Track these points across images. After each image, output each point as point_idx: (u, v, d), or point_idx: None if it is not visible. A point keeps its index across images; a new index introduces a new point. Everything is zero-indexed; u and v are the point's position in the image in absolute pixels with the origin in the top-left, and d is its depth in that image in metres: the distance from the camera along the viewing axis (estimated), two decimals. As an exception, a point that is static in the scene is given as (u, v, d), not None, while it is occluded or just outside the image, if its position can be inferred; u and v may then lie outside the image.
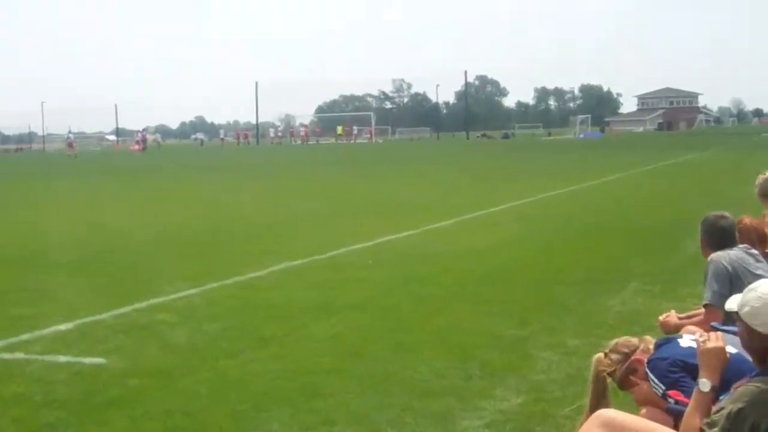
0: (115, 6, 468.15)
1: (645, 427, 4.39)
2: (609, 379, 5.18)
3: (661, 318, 6.81)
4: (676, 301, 9.97)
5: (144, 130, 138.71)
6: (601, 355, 5.22)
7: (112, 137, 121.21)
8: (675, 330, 6.34)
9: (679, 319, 6.69)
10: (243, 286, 12.19)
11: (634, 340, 5.18)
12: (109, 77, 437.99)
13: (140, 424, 6.57)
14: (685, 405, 4.18)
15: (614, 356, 5.13)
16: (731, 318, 4.34)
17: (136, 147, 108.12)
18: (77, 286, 12.46)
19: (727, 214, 6.83)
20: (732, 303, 4.24)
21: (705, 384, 4.06)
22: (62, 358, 8.47)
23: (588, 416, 5.09)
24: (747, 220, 7.22)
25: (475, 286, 11.75)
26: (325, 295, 11.32)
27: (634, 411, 5.03)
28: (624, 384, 5.13)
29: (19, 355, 8.67)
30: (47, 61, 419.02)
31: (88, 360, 8.40)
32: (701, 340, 4.28)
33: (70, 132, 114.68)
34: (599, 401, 5.14)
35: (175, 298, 11.34)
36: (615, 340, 5.26)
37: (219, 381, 7.63)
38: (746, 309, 3.97)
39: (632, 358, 5.07)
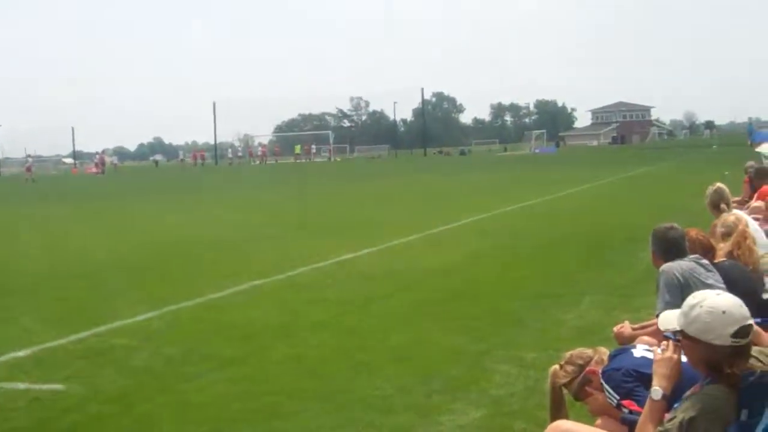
0: (71, 26, 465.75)
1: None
2: (565, 391, 5.23)
3: (615, 329, 6.87)
4: (631, 313, 10.07)
5: (102, 152, 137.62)
6: (556, 367, 5.27)
7: (69, 160, 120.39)
8: (629, 340, 6.40)
9: (633, 329, 6.75)
10: (203, 308, 12.16)
11: (589, 352, 5.24)
12: (64, 99, 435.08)
13: (100, 450, 6.54)
14: (639, 414, 4.23)
15: (569, 368, 5.19)
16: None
17: (94, 170, 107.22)
18: (35, 312, 12.35)
19: (676, 225, 6.93)
20: (669, 323, 4.28)
21: (657, 392, 4.10)
22: (20, 385, 8.42)
23: (549, 412, 5.17)
24: (693, 232, 7.30)
25: (434, 303, 11.80)
26: (286, 316, 11.34)
27: (591, 422, 5.09)
28: (579, 395, 5.19)
29: (-24, 383, 8.59)
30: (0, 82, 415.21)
31: (46, 386, 8.35)
32: (659, 350, 4.31)
33: (28, 155, 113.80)
34: (557, 412, 5.19)
35: (134, 322, 11.30)
36: (570, 352, 5.32)
37: (179, 405, 7.62)
38: (696, 325, 3.96)
39: (587, 369, 5.13)
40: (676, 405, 4.03)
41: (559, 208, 26.75)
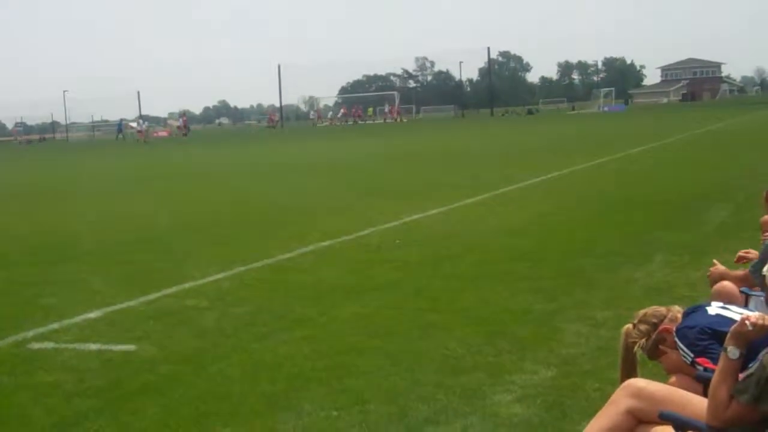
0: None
1: (674, 395, 4.38)
2: (639, 350, 5.17)
3: (711, 269, 6.72)
4: (702, 271, 9.93)
5: (183, 114, 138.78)
6: (629, 326, 5.21)
7: (135, 124, 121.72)
8: (719, 278, 6.33)
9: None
10: (271, 269, 12.23)
11: (662, 310, 5.17)
12: (129, 64, 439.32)
13: (172, 410, 6.60)
14: (713, 372, 4.16)
15: (642, 327, 5.12)
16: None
17: (164, 133, 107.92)
18: (106, 275, 12.50)
19: None
20: None
21: (734, 352, 4.03)
22: (93, 346, 8.52)
23: (620, 379, 5.11)
24: None
25: (503, 263, 11.75)
26: (355, 276, 11.35)
27: (664, 381, 5.03)
28: (653, 354, 5.12)
29: (49, 345, 8.71)
30: (68, 50, 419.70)
31: (118, 347, 8.44)
32: (753, 313, 4.20)
33: (140, 117, 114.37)
34: (629, 372, 5.14)
35: (204, 283, 11.39)
36: (643, 311, 5.24)
37: (250, 364, 7.66)
38: None
39: (660, 327, 5.06)
40: (750, 364, 3.97)
41: (628, 167, 26.48)
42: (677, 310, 5.13)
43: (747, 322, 4.01)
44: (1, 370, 7.91)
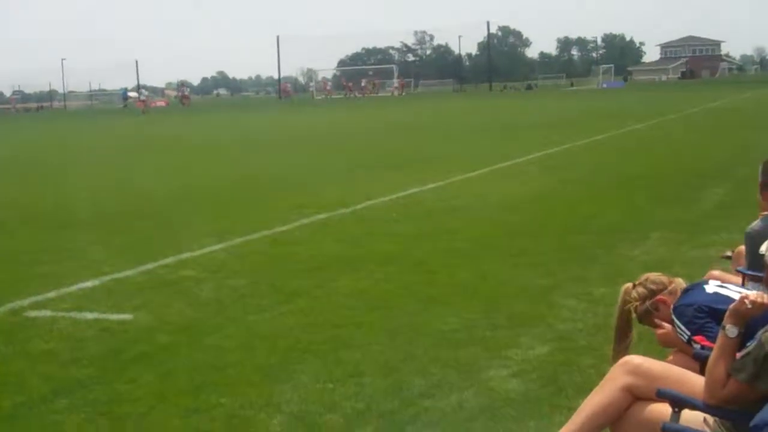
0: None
1: (672, 373, 4.38)
2: (633, 311, 5.16)
3: None
4: (700, 249, 10.00)
5: (182, 84, 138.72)
6: (630, 285, 5.21)
7: (134, 94, 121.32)
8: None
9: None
10: (268, 241, 12.22)
11: (664, 280, 5.14)
12: (127, 33, 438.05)
13: (168, 380, 6.60)
14: (711, 350, 4.16)
15: (641, 290, 5.11)
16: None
17: (161, 103, 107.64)
18: (103, 244, 12.50)
19: None
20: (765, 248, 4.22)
21: (732, 330, 4.02)
22: (89, 315, 8.52)
23: (614, 342, 5.11)
24: None
25: (501, 238, 11.75)
26: (352, 249, 11.35)
27: (661, 359, 5.03)
28: (643, 319, 5.14)
29: (46, 313, 8.71)
30: (65, 17, 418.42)
31: (115, 316, 8.44)
32: (751, 292, 4.20)
33: (140, 88, 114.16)
34: (623, 331, 5.14)
35: (201, 254, 11.39)
36: (647, 275, 5.23)
37: (247, 336, 7.66)
38: None
39: (656, 297, 5.06)
40: (749, 342, 3.96)
41: (628, 144, 26.48)
42: (680, 283, 5.12)
43: (746, 300, 4.01)
44: (-3, 337, 7.92)
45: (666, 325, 4.99)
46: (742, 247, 6.65)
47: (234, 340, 7.55)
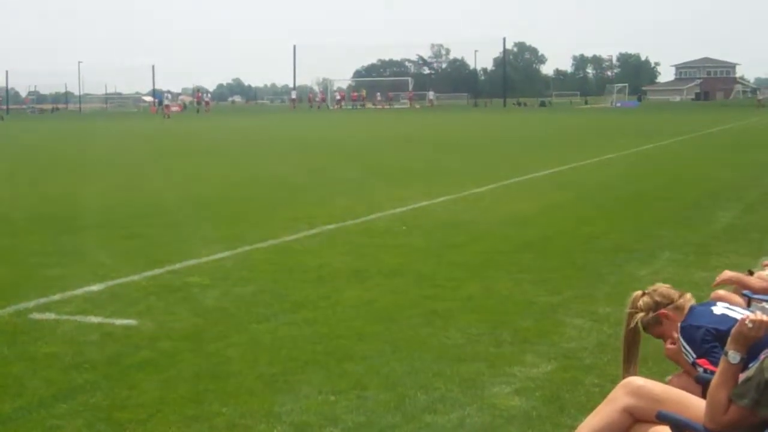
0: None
1: (673, 395, 4.36)
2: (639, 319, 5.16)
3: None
4: (708, 271, 9.92)
5: (198, 90, 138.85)
6: (639, 292, 5.19)
7: (149, 98, 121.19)
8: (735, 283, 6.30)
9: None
10: (276, 250, 12.21)
11: (673, 294, 5.11)
12: (144, 38, 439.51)
13: (170, 387, 6.58)
14: (713, 374, 4.13)
15: (647, 300, 5.10)
16: None
17: (176, 109, 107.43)
18: (111, 248, 12.49)
19: None
20: None
21: (734, 356, 3.99)
22: (93, 319, 8.51)
23: (622, 352, 5.15)
24: None
25: (509, 253, 11.71)
26: (359, 261, 11.32)
27: (663, 381, 5.00)
28: (647, 329, 5.14)
29: (50, 316, 8.70)
30: (83, 20, 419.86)
31: (119, 321, 8.43)
32: (753, 314, 4.16)
33: (168, 92, 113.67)
34: (632, 338, 5.14)
35: (208, 261, 11.37)
36: (658, 285, 5.22)
37: (250, 345, 7.64)
38: None
39: (660, 311, 5.04)
40: (751, 364, 3.93)
41: (639, 163, 26.44)
42: (688, 299, 5.09)
43: (746, 321, 3.98)
44: (0, 339, 7.90)
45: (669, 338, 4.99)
46: None
47: (237, 348, 7.53)
